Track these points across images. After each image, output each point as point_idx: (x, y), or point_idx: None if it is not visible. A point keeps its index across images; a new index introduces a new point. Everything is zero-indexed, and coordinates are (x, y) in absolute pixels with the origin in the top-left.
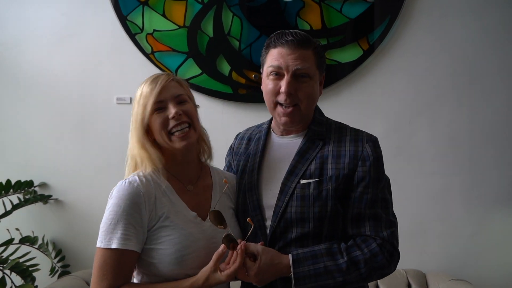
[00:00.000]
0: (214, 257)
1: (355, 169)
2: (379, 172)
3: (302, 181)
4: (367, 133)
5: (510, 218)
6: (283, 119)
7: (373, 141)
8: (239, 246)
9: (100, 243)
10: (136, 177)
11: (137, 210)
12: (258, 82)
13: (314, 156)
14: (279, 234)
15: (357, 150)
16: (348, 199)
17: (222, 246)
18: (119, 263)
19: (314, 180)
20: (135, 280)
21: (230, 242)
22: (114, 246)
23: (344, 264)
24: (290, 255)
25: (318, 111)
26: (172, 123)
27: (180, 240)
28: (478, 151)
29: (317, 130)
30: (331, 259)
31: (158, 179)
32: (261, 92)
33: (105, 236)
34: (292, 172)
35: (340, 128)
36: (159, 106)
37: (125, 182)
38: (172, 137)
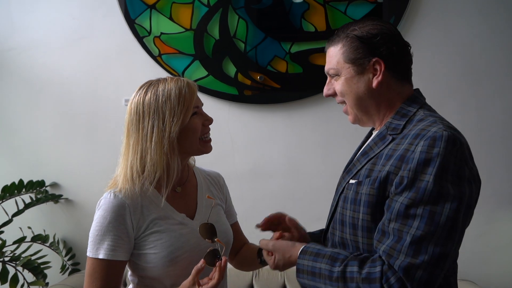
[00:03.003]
0: (194, 271)
1: (397, 173)
2: (423, 179)
3: (350, 181)
4: (439, 127)
5: None
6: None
7: (434, 139)
8: (218, 263)
9: (89, 253)
10: (122, 188)
11: (122, 222)
12: (264, 84)
13: (375, 155)
14: (329, 235)
15: (409, 149)
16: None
17: (202, 261)
18: (107, 272)
19: (355, 181)
20: (131, 282)
21: (214, 258)
22: (101, 256)
23: (336, 274)
24: (302, 245)
25: (410, 99)
26: (205, 130)
27: (172, 243)
28: (485, 150)
29: (394, 124)
30: (329, 264)
31: (143, 187)
32: (267, 93)
33: (93, 247)
34: (348, 171)
35: (419, 121)
36: (196, 111)
37: (110, 194)
38: (201, 142)
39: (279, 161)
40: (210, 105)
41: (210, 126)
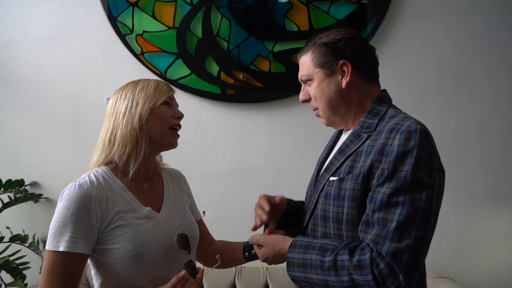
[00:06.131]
0: (174, 280)
1: (378, 166)
2: (403, 169)
3: (331, 178)
4: (411, 122)
5: (495, 217)
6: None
7: (409, 132)
8: (198, 275)
9: (48, 246)
10: (87, 179)
11: (86, 213)
12: (247, 83)
13: (353, 152)
14: (310, 231)
15: (386, 144)
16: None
17: (184, 272)
18: (68, 266)
19: (337, 177)
20: (94, 284)
21: (192, 269)
22: (62, 249)
23: (327, 263)
24: (292, 239)
25: (379, 99)
26: (175, 121)
27: (137, 237)
28: (464, 150)
29: (368, 122)
30: (320, 255)
31: (110, 179)
32: (249, 92)
33: (54, 239)
34: (327, 168)
35: (391, 118)
36: (169, 101)
37: (75, 185)
38: (170, 130)
39: (262, 160)
40: (192, 104)
41: (194, 125)
